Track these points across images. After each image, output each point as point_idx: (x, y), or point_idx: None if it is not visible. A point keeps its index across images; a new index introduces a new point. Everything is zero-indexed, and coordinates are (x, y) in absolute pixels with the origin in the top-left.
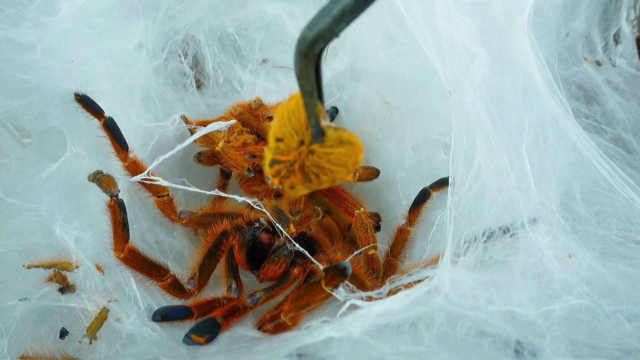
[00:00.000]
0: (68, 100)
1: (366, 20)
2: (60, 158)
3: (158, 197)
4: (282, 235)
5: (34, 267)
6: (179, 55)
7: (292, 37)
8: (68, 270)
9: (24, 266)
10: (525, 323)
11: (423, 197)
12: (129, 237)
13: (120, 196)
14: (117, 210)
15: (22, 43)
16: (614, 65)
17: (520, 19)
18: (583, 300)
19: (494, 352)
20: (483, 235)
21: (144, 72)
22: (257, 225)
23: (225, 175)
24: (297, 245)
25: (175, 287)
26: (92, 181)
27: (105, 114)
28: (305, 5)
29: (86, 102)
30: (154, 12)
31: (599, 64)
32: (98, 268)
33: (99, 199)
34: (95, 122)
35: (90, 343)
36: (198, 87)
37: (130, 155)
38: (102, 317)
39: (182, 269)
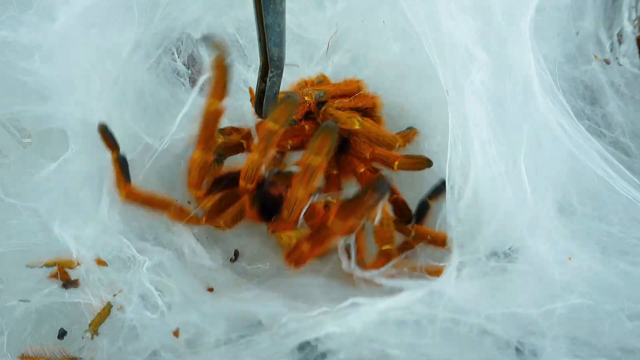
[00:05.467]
0: (67, 99)
1: (368, 21)
2: (59, 158)
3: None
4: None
5: (36, 266)
6: (178, 55)
7: (292, 34)
8: (70, 268)
9: (26, 266)
10: (527, 322)
11: (423, 209)
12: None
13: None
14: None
15: (21, 43)
16: (620, 65)
17: (522, 20)
18: (584, 300)
19: (496, 352)
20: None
21: (139, 71)
22: (268, 179)
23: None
24: None
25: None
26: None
27: (120, 149)
28: (304, 3)
29: (107, 134)
30: (150, 11)
31: (607, 62)
32: (99, 262)
33: (98, 197)
34: (95, 122)
35: (92, 338)
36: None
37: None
38: (105, 312)
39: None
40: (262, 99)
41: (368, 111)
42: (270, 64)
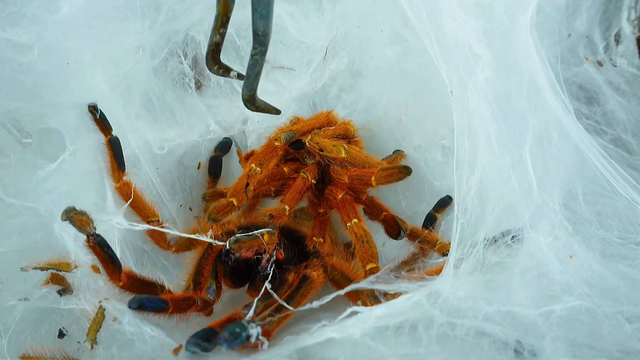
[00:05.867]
0: (66, 100)
1: (371, 19)
2: (59, 157)
3: (148, 222)
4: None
5: (32, 269)
6: (179, 56)
7: (291, 38)
8: (67, 271)
9: (20, 269)
10: (525, 323)
11: (430, 221)
12: (121, 266)
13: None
14: (99, 250)
15: (21, 43)
16: (615, 66)
17: (523, 19)
18: (583, 302)
19: (494, 352)
20: (485, 241)
21: (143, 72)
22: (234, 246)
23: (214, 176)
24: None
25: None
26: (65, 220)
27: (112, 132)
28: (304, 6)
29: (99, 116)
30: (154, 12)
31: (600, 64)
32: (94, 269)
33: (97, 199)
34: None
35: (92, 348)
36: (197, 87)
37: (125, 177)
38: (99, 318)
39: (183, 270)
40: (214, 53)
41: (344, 136)
42: (254, 39)
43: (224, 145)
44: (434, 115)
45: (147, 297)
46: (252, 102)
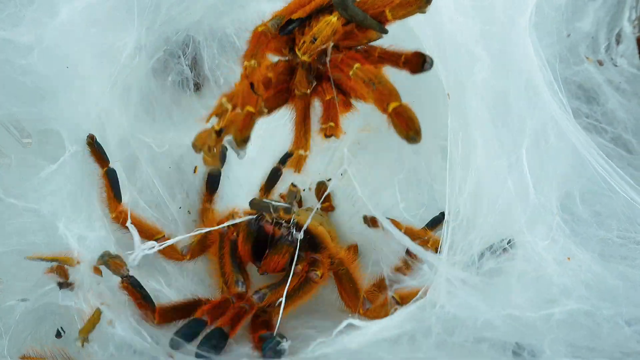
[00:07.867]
0: (66, 101)
1: None
2: (59, 158)
3: (155, 240)
4: (285, 226)
5: (36, 259)
6: (178, 57)
7: None
8: (70, 265)
9: (25, 258)
10: (525, 326)
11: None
12: (154, 304)
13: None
14: (132, 290)
15: (21, 44)
16: (615, 65)
17: (522, 19)
18: (582, 305)
19: (493, 354)
20: (481, 255)
21: (142, 73)
22: (259, 216)
23: (211, 190)
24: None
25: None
26: (101, 265)
27: (109, 164)
28: None
29: (96, 148)
30: (152, 13)
31: (600, 63)
32: (96, 270)
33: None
34: (94, 123)
35: (83, 346)
36: (197, 89)
37: (120, 207)
38: (95, 319)
39: (183, 275)
40: None
41: None
42: None
43: (222, 155)
44: (434, 116)
45: (183, 332)
46: (343, 4)
